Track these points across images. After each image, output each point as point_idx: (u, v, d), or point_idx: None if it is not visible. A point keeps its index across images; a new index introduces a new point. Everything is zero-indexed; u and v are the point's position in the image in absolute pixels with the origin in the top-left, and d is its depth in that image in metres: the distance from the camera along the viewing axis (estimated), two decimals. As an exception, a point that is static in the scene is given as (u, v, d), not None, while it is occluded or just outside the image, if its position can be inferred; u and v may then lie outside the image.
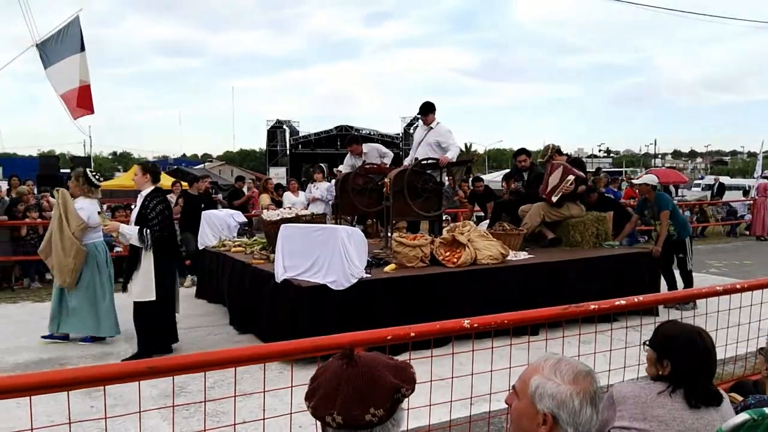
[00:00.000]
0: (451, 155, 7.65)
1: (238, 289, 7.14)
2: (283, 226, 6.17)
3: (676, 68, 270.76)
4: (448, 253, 6.49)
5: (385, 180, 7.30)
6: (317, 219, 7.41)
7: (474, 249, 6.49)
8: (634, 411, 2.12)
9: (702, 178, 42.32)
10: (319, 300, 5.53)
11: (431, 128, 7.97)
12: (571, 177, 7.62)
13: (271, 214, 7.47)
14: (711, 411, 2.12)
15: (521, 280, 6.55)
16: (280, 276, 5.86)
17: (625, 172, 37.72)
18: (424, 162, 7.54)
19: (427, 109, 7.99)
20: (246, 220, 9.45)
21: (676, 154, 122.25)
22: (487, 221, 8.95)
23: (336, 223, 7.87)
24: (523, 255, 7.12)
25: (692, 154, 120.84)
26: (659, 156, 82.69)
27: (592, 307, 3.17)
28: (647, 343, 2.35)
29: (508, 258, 6.76)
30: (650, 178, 8.40)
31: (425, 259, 6.38)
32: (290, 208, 8.54)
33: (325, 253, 5.64)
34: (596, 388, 1.57)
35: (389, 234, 7.16)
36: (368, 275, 5.84)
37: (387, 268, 6.21)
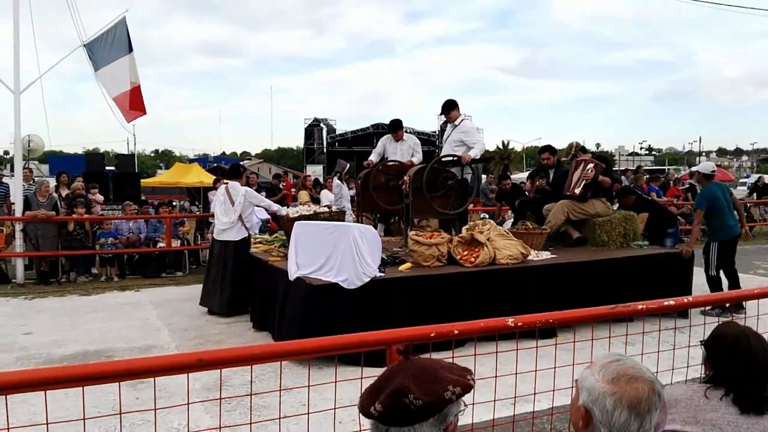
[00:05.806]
0: (474, 153, 7.41)
1: (257, 286, 7.14)
2: (296, 224, 6.13)
3: (720, 64, 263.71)
4: (465, 252, 6.33)
5: (405, 177, 7.18)
6: (336, 216, 7.33)
7: (493, 248, 6.32)
8: (686, 414, 2.04)
9: (748, 176, 41.05)
10: (331, 299, 5.46)
11: (456, 125, 7.79)
12: (590, 165, 7.38)
13: (290, 211, 7.44)
14: (767, 417, 2.01)
15: (541, 280, 6.37)
16: (293, 274, 5.82)
17: (668, 170, 36.78)
18: (445, 159, 7.40)
19: (449, 107, 7.81)
20: (268, 217, 9.45)
21: (721, 152, 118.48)
22: (511, 220, 8.76)
23: (357, 221, 7.79)
24: (545, 255, 6.92)
25: (738, 152, 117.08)
26: (703, 154, 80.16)
27: (640, 307, 3.07)
28: (701, 342, 2.27)
29: (529, 258, 6.59)
30: (703, 166, 7.90)
31: (442, 258, 6.24)
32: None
33: (337, 252, 5.57)
34: (644, 396, 1.47)
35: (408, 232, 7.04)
36: (381, 274, 5.72)
37: (402, 267, 6.10)
